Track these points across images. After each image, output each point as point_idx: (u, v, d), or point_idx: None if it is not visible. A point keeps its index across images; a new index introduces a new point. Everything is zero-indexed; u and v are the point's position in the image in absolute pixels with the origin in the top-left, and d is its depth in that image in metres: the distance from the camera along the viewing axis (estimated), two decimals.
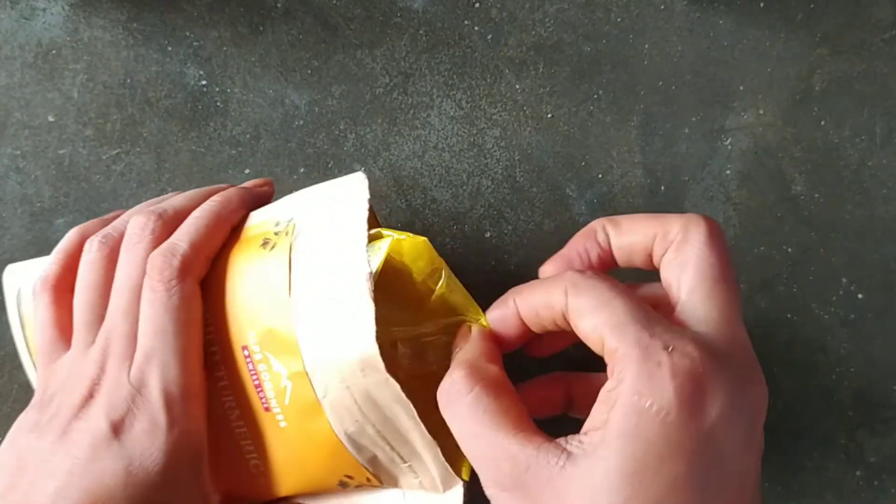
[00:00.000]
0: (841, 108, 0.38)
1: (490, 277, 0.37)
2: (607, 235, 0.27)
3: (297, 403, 0.26)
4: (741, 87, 0.38)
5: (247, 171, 0.37)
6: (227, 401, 0.27)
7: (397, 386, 0.25)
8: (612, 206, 0.38)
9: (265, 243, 0.27)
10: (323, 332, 0.25)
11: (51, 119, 0.37)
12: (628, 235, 0.26)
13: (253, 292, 0.26)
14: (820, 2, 0.38)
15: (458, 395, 0.23)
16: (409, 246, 0.28)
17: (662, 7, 0.38)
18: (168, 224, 0.27)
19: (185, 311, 0.25)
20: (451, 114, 0.38)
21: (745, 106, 0.38)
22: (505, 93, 0.38)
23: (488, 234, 0.38)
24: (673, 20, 0.38)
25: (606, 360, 0.22)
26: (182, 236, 0.26)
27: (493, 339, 0.26)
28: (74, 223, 0.37)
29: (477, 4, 0.38)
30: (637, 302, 0.23)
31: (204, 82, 0.37)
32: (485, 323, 0.27)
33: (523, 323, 0.25)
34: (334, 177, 0.37)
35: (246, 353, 0.26)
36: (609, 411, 0.21)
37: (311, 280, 0.26)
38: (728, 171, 0.38)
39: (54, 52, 0.37)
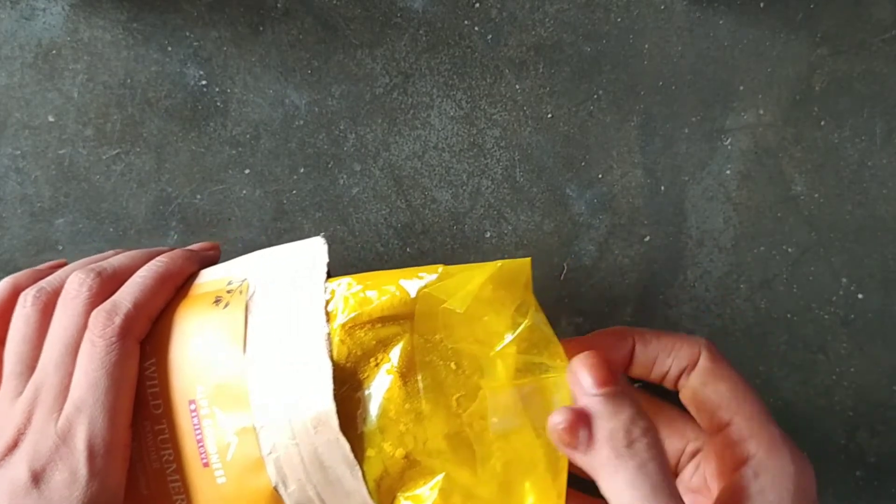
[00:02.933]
0: (841, 108, 0.38)
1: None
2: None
3: (239, 459, 0.26)
4: (741, 87, 0.38)
5: (247, 171, 0.37)
6: (165, 454, 0.27)
7: (347, 445, 0.25)
8: (612, 206, 0.38)
9: (217, 301, 0.28)
10: (278, 387, 0.26)
11: (51, 119, 0.37)
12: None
13: (205, 348, 0.27)
14: (820, 2, 0.38)
15: (641, 451, 0.23)
16: (508, 270, 0.28)
17: (662, 7, 0.38)
18: (106, 282, 0.28)
19: (121, 368, 0.26)
20: (451, 114, 0.38)
21: (745, 106, 0.38)
22: (505, 93, 0.38)
23: (488, 234, 0.38)
24: (673, 20, 0.38)
25: (723, 442, 0.25)
26: (126, 295, 0.27)
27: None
28: (74, 223, 0.37)
29: (477, 4, 0.38)
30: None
31: (204, 82, 0.37)
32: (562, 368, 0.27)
33: (626, 364, 0.26)
34: (334, 177, 0.38)
35: (192, 406, 0.27)
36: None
37: (269, 338, 0.27)
38: (728, 171, 0.38)
39: (54, 52, 0.37)
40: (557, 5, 0.38)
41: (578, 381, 0.25)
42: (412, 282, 0.27)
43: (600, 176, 0.38)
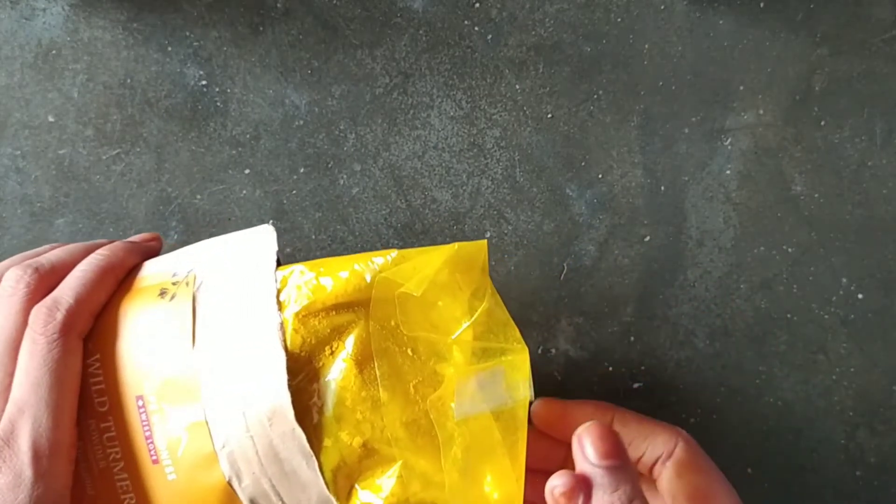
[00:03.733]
0: (841, 108, 0.38)
1: (490, 277, 0.37)
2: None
3: (191, 455, 0.26)
4: (741, 87, 0.38)
5: (247, 171, 0.37)
6: (112, 452, 0.26)
7: (303, 436, 0.25)
8: (612, 206, 0.38)
9: (163, 293, 0.27)
10: (230, 380, 0.25)
11: (51, 119, 0.37)
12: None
13: (152, 342, 0.26)
14: (820, 2, 0.38)
15: None
16: (465, 253, 0.28)
17: (662, 7, 0.38)
18: (44, 278, 0.27)
19: (64, 366, 0.25)
20: (451, 114, 0.38)
21: (745, 106, 0.38)
22: (505, 93, 0.38)
23: (488, 234, 0.38)
24: (673, 20, 0.38)
25: None
26: (66, 290, 0.26)
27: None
28: (74, 223, 0.37)
29: (477, 4, 0.38)
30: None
31: (204, 82, 0.37)
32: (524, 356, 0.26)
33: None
34: (334, 177, 0.38)
35: (140, 402, 0.26)
36: None
37: (219, 330, 0.26)
38: (728, 171, 0.38)
39: (54, 52, 0.37)
40: (557, 5, 0.38)
41: (584, 448, 0.24)
42: (366, 267, 0.27)
43: (600, 176, 0.38)
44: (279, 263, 0.28)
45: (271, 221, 0.37)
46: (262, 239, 0.28)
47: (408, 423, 0.26)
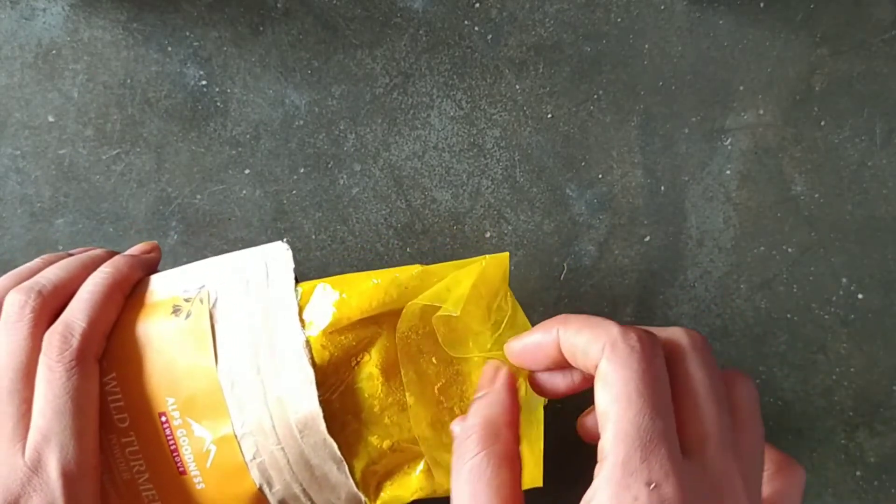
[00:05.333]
0: (841, 108, 0.38)
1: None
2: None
3: (220, 467, 0.27)
4: (741, 87, 0.38)
5: (247, 171, 0.37)
6: (135, 465, 0.27)
7: (334, 444, 0.26)
8: (612, 206, 0.38)
9: (176, 310, 0.28)
10: (258, 396, 0.26)
11: (51, 119, 0.37)
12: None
13: (170, 360, 0.27)
14: (820, 2, 0.38)
15: (464, 453, 0.23)
16: (490, 267, 0.28)
17: (662, 7, 0.38)
18: (48, 300, 0.27)
19: (84, 392, 0.25)
20: (451, 114, 0.38)
21: (745, 106, 0.38)
22: (505, 93, 0.38)
23: (488, 234, 0.38)
24: (673, 20, 0.38)
25: (598, 449, 0.21)
26: (77, 313, 0.26)
27: (515, 388, 0.25)
28: (74, 223, 0.37)
29: (477, 4, 0.38)
30: (659, 406, 0.21)
31: (204, 82, 0.37)
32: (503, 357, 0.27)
33: (560, 355, 0.24)
34: (334, 177, 0.38)
35: (164, 419, 0.27)
36: None
37: (241, 347, 0.27)
38: (728, 171, 0.38)
39: (54, 52, 0.37)
40: (557, 5, 0.38)
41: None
42: (391, 283, 0.28)
43: (600, 176, 0.38)
44: (297, 280, 0.28)
45: (274, 226, 0.37)
46: (279, 256, 0.29)
47: (433, 422, 0.28)
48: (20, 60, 0.37)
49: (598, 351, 0.22)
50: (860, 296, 0.38)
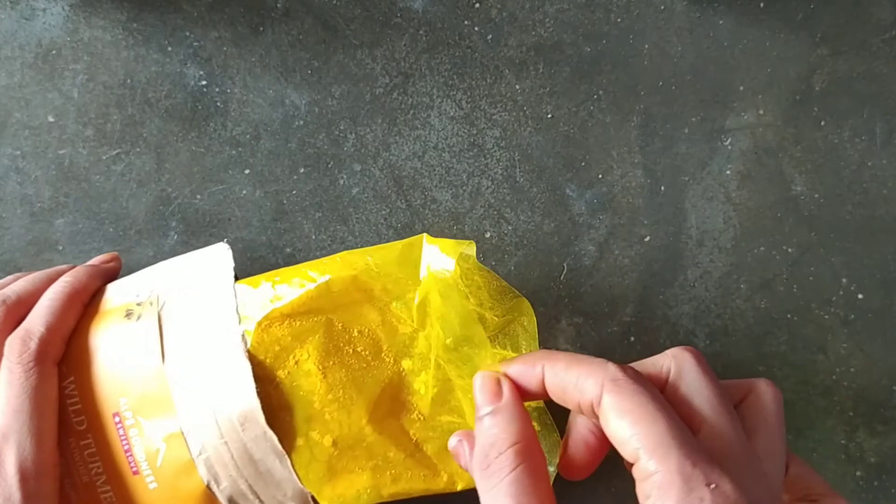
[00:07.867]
0: (841, 108, 0.38)
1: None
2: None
3: (170, 464, 0.27)
4: (741, 87, 0.38)
5: (247, 171, 0.37)
6: (94, 467, 0.28)
7: (274, 437, 0.27)
8: (612, 206, 0.38)
9: (129, 314, 0.29)
10: (201, 391, 0.27)
11: (51, 119, 0.37)
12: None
13: (123, 361, 0.28)
14: (820, 2, 0.38)
15: (501, 468, 0.23)
16: (409, 248, 0.30)
17: (662, 7, 0.38)
18: (12, 309, 0.29)
19: (42, 392, 0.27)
20: (451, 114, 0.38)
21: (745, 106, 0.38)
22: (505, 93, 0.38)
23: (488, 234, 0.38)
24: (673, 20, 0.38)
25: (637, 476, 0.22)
26: (37, 319, 0.28)
27: (521, 400, 0.26)
28: (74, 223, 0.37)
29: (477, 4, 0.38)
30: (678, 422, 0.22)
31: (204, 82, 0.37)
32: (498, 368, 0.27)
33: (541, 389, 0.25)
34: (334, 177, 0.38)
35: (117, 419, 0.28)
36: None
37: (185, 346, 0.28)
38: (728, 171, 0.38)
39: (54, 52, 0.37)
40: (557, 5, 0.38)
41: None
42: (320, 273, 0.29)
43: (600, 176, 0.38)
44: (237, 278, 0.30)
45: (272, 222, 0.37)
46: (220, 256, 0.30)
47: (374, 419, 0.29)
48: (20, 60, 0.37)
49: (593, 387, 0.23)
50: (860, 296, 0.38)
